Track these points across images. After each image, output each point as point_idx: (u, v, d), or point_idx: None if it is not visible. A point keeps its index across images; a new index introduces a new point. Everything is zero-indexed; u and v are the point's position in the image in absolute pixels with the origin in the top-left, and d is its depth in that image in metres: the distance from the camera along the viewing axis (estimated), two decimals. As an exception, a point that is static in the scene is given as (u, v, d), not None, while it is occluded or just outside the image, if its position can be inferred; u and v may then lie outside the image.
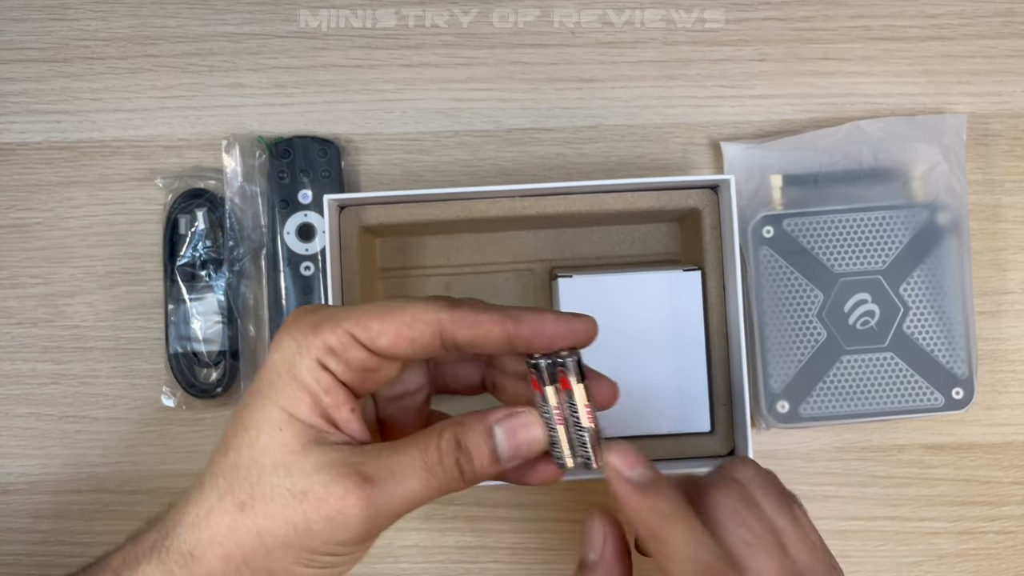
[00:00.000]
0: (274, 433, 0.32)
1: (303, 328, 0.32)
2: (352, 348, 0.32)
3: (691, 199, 0.50)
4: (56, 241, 0.54)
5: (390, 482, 0.31)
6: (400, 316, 0.32)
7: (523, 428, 0.33)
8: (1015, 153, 0.56)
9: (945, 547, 0.55)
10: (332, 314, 0.32)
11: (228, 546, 0.31)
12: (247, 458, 0.32)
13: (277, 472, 0.31)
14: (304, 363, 0.32)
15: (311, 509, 0.31)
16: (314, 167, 0.53)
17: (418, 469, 0.32)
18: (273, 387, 0.32)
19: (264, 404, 0.32)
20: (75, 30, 0.55)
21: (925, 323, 0.53)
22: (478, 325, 0.32)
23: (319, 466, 0.31)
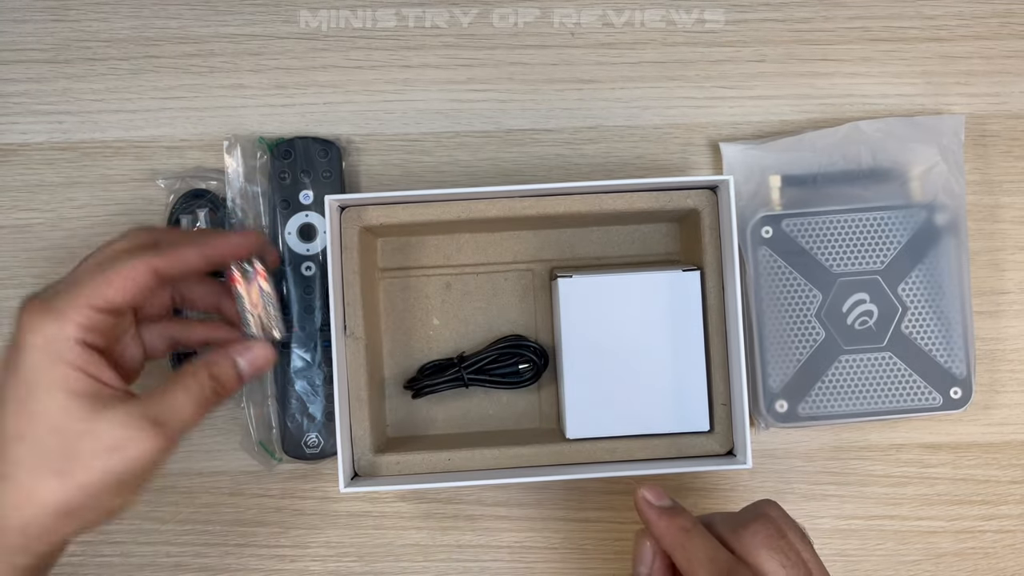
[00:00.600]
0: (69, 410, 0.38)
1: (47, 316, 0.38)
2: (98, 319, 0.39)
3: (690, 199, 0.50)
4: (58, 241, 0.55)
5: (174, 419, 0.40)
6: (122, 273, 0.40)
7: (257, 352, 0.45)
8: (1013, 153, 0.56)
9: (943, 546, 0.55)
10: (66, 295, 0.39)
11: (53, 505, 0.38)
12: (48, 437, 0.38)
13: (84, 439, 0.38)
14: (68, 347, 0.38)
15: (127, 458, 0.38)
16: (315, 168, 0.53)
17: (190, 403, 0.41)
18: (45, 372, 0.38)
19: (45, 389, 0.38)
20: (77, 31, 0.55)
21: (923, 323, 0.53)
22: (180, 256, 0.42)
23: (120, 423, 0.38)
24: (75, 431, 0.38)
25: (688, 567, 0.39)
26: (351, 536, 0.54)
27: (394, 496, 0.54)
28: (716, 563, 0.38)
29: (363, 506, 0.54)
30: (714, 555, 0.38)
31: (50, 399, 0.38)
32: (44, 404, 0.38)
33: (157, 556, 0.54)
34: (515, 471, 0.50)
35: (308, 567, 0.54)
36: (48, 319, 0.38)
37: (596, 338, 0.50)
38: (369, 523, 0.54)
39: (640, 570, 0.41)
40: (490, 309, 0.54)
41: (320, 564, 0.54)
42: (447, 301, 0.54)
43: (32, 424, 0.38)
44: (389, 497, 0.54)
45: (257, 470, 0.54)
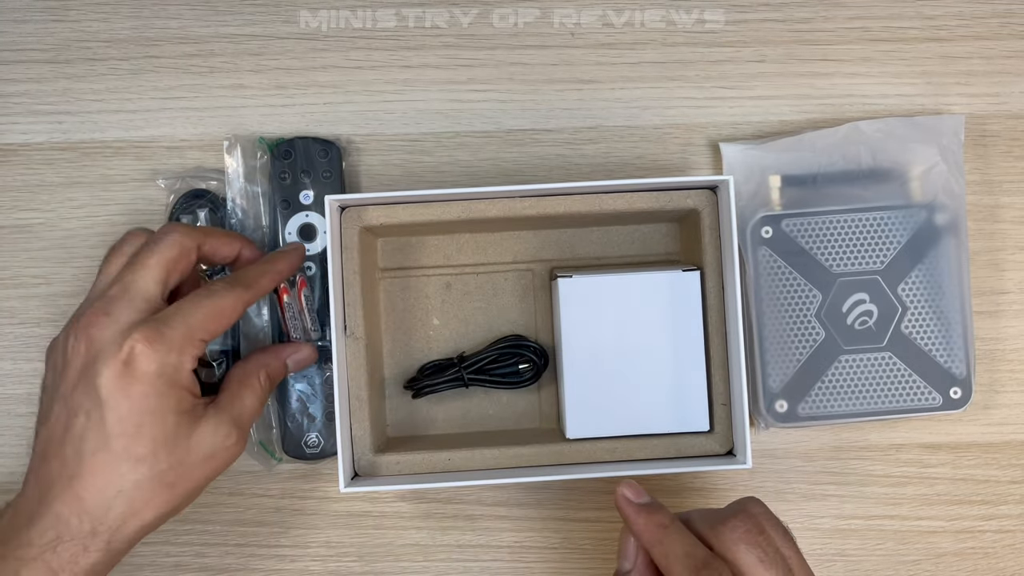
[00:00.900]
0: (179, 428, 0.42)
1: (164, 347, 0.42)
2: (203, 348, 0.44)
3: (690, 200, 0.50)
4: (58, 241, 0.55)
5: (247, 419, 0.46)
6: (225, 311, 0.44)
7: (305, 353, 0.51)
8: (1013, 154, 0.56)
9: (943, 546, 0.55)
10: (180, 328, 0.42)
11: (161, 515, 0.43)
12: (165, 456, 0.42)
13: (190, 452, 0.43)
14: (184, 375, 0.43)
15: (220, 462, 0.44)
16: (315, 168, 0.53)
17: (256, 402, 0.47)
18: (162, 399, 0.42)
19: (161, 414, 0.42)
20: (77, 31, 0.55)
21: (923, 323, 0.53)
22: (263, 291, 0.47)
23: (211, 432, 0.44)
24: (183, 447, 0.42)
25: (665, 563, 0.40)
26: (351, 536, 0.54)
27: (394, 496, 0.54)
28: (692, 558, 0.39)
29: (363, 506, 0.54)
30: (690, 550, 0.39)
31: (165, 422, 0.42)
32: (160, 427, 0.42)
33: (157, 556, 0.54)
34: (515, 471, 0.50)
35: (308, 567, 0.54)
36: (165, 351, 0.42)
37: (596, 338, 0.50)
38: (369, 523, 0.54)
39: (624, 565, 0.42)
40: (490, 309, 0.54)
41: (320, 564, 0.54)
42: (447, 301, 0.54)
43: (152, 447, 0.41)
44: (389, 497, 0.54)
45: (257, 470, 0.54)
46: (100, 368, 0.41)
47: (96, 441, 0.41)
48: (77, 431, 0.41)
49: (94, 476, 0.41)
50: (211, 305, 0.44)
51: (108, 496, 0.41)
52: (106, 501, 0.41)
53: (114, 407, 0.41)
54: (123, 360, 0.41)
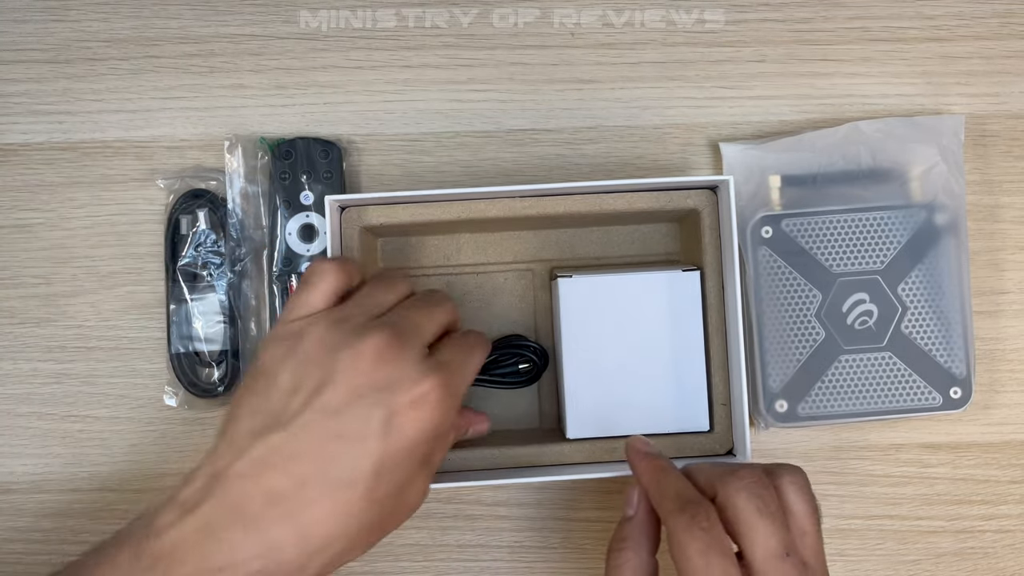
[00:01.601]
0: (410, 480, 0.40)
1: (455, 401, 0.40)
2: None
3: (690, 199, 0.50)
4: (58, 241, 0.55)
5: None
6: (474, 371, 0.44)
7: (482, 428, 0.49)
8: (1013, 154, 0.56)
9: (943, 546, 0.55)
10: (462, 385, 0.42)
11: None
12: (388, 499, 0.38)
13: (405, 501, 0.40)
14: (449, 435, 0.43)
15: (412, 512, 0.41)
16: (316, 168, 0.53)
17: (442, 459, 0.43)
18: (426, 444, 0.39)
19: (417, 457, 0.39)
20: (77, 31, 0.55)
21: (923, 323, 0.53)
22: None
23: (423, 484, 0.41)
24: (404, 494, 0.40)
25: (658, 501, 0.41)
26: (351, 536, 0.54)
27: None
28: (681, 497, 0.39)
29: (363, 506, 0.54)
30: (681, 490, 0.40)
31: (411, 466, 0.39)
32: (406, 472, 0.39)
33: (157, 556, 0.54)
34: (516, 471, 0.50)
35: (308, 567, 0.54)
36: (451, 403, 0.40)
37: (596, 338, 0.50)
38: (369, 523, 0.54)
39: (627, 512, 0.43)
40: (490, 309, 0.54)
41: (320, 564, 0.54)
42: (447, 301, 0.54)
43: (390, 490, 0.38)
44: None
45: (257, 470, 0.54)
46: (384, 400, 0.37)
47: (348, 472, 0.36)
48: (330, 453, 0.36)
49: (328, 507, 0.36)
50: (476, 361, 0.43)
51: (335, 533, 0.36)
52: (331, 537, 0.36)
53: (383, 445, 0.36)
54: (412, 400, 0.37)
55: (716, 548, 0.37)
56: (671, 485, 0.40)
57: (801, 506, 0.40)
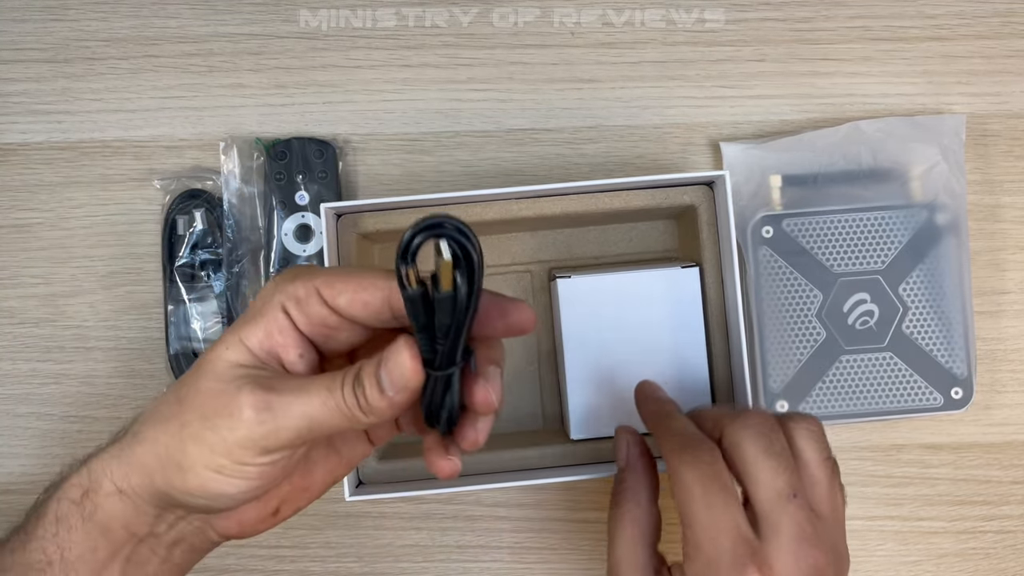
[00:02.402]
0: (222, 350, 0.35)
1: (283, 279, 0.35)
2: (314, 302, 0.35)
3: (687, 196, 0.50)
4: (57, 241, 0.55)
5: (291, 393, 0.34)
6: (359, 279, 0.34)
7: (395, 364, 0.33)
8: (1014, 153, 0.56)
9: (944, 547, 0.55)
10: (310, 271, 0.35)
11: (162, 437, 0.35)
12: (192, 374, 0.35)
13: (208, 377, 0.35)
14: (270, 305, 0.35)
15: (219, 404, 0.34)
16: (311, 168, 0.53)
17: (320, 388, 0.34)
18: (241, 320, 0.36)
19: (228, 332, 0.36)
20: (76, 31, 0.55)
21: (924, 323, 0.53)
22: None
23: (240, 376, 0.34)
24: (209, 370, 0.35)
25: (661, 442, 0.40)
26: (351, 536, 0.54)
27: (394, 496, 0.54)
28: (683, 436, 0.38)
29: (363, 507, 0.54)
30: (683, 430, 0.39)
31: (223, 338, 0.36)
32: (216, 341, 0.36)
33: (156, 556, 0.54)
34: (520, 474, 0.49)
35: (308, 568, 0.54)
36: (278, 281, 0.35)
37: (597, 338, 0.50)
38: (369, 524, 0.54)
39: (619, 464, 0.43)
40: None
41: (320, 565, 0.54)
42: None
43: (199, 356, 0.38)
44: (389, 498, 0.54)
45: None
46: None
47: None
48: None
49: None
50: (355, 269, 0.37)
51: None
52: None
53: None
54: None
55: (717, 482, 0.36)
56: (675, 425, 0.40)
57: (813, 454, 0.38)
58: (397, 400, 0.33)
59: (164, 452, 0.35)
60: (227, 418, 0.33)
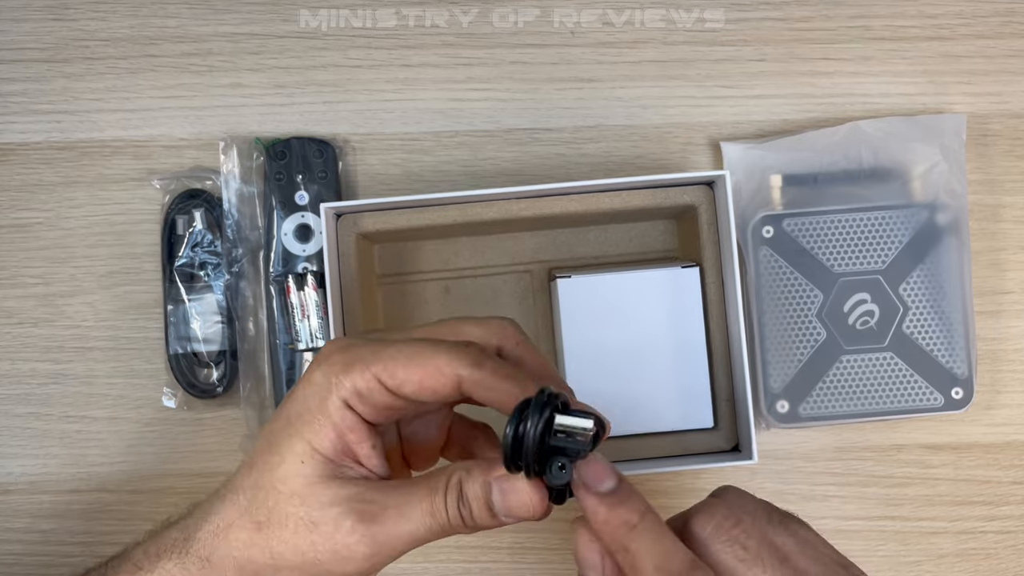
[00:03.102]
0: (296, 463, 0.33)
1: (335, 366, 0.33)
2: (378, 392, 0.33)
3: (687, 196, 0.50)
4: (56, 241, 0.54)
5: (395, 521, 0.33)
6: (424, 367, 0.33)
7: (514, 493, 0.33)
8: (1015, 153, 0.56)
9: (945, 547, 0.55)
10: (363, 355, 0.33)
11: (242, 560, 0.34)
12: (268, 482, 0.34)
13: (293, 500, 0.33)
14: (332, 401, 0.33)
15: (319, 540, 0.33)
16: (311, 168, 0.53)
17: (423, 511, 0.33)
18: (301, 419, 0.34)
19: (291, 433, 0.34)
20: (75, 30, 0.55)
21: (925, 323, 0.53)
22: (495, 392, 0.33)
23: (333, 500, 0.33)
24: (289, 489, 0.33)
25: (631, 574, 0.31)
26: (350, 537, 0.54)
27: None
28: (665, 570, 0.30)
29: (362, 507, 0.54)
30: (665, 563, 0.30)
31: (289, 443, 0.34)
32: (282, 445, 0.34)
33: (156, 557, 0.54)
34: None
35: (307, 568, 0.54)
36: (329, 370, 0.33)
37: (597, 338, 0.50)
38: (368, 524, 0.54)
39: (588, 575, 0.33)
40: (489, 312, 0.54)
41: (319, 565, 0.54)
42: (446, 305, 0.54)
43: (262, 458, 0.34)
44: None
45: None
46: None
47: None
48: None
49: None
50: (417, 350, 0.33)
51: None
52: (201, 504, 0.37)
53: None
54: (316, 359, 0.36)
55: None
56: (648, 551, 0.30)
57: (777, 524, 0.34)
58: (509, 523, 0.33)
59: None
60: (333, 555, 0.33)
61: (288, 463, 0.33)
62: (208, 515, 0.35)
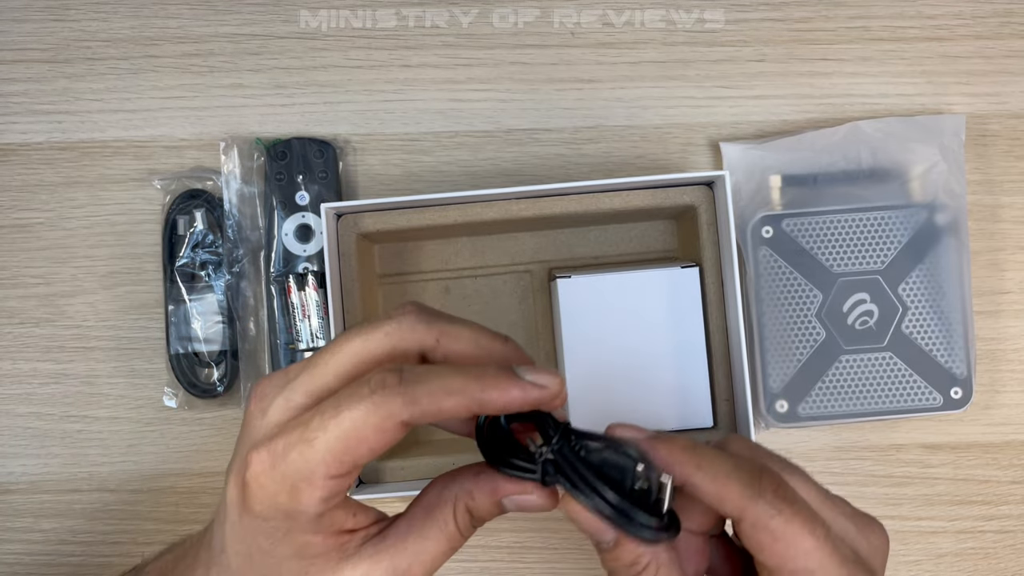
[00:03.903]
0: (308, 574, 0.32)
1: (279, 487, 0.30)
2: (335, 484, 0.30)
3: (687, 196, 0.50)
4: (57, 241, 0.55)
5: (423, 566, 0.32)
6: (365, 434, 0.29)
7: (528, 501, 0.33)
8: (1013, 153, 0.56)
9: (943, 546, 0.55)
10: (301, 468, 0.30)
11: None
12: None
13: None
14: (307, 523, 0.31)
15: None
16: (311, 168, 0.53)
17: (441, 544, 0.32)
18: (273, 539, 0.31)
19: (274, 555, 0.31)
20: (76, 31, 0.55)
21: (924, 323, 0.53)
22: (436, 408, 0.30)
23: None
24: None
25: (712, 488, 0.31)
26: (351, 536, 0.54)
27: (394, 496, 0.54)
28: (742, 469, 0.31)
29: (363, 506, 0.54)
30: (735, 463, 0.31)
31: (280, 568, 0.32)
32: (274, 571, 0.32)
33: (157, 556, 0.54)
34: None
35: (308, 567, 0.54)
36: (275, 489, 0.30)
37: (597, 338, 0.50)
38: (369, 523, 0.54)
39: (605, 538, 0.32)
40: (489, 312, 0.54)
41: (320, 564, 0.54)
42: (446, 306, 0.54)
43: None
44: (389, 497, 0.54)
45: (257, 470, 0.54)
46: (227, 477, 0.32)
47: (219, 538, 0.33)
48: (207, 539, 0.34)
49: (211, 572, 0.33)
50: (344, 428, 0.29)
51: None
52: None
53: (238, 514, 0.31)
54: (242, 481, 0.31)
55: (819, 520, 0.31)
56: (719, 462, 0.31)
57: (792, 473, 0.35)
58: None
59: None
60: None
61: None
62: None
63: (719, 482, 0.31)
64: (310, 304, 0.52)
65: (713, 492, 0.31)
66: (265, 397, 0.31)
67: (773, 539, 0.31)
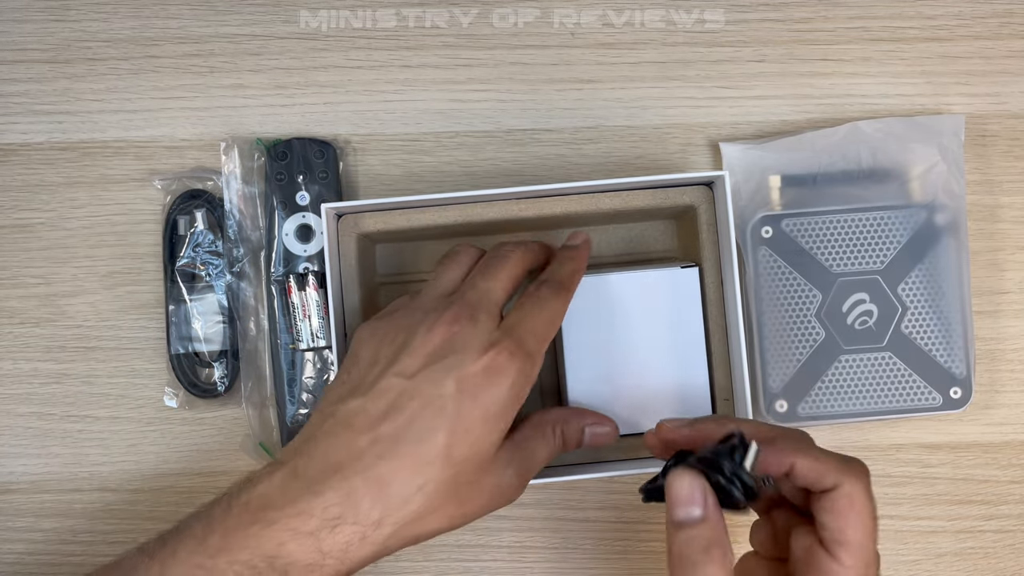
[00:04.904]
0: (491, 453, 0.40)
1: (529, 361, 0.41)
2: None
3: (686, 196, 0.50)
4: (58, 241, 0.55)
5: (533, 468, 0.43)
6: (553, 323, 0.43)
7: (606, 431, 0.46)
8: (1013, 153, 0.56)
9: (943, 546, 0.55)
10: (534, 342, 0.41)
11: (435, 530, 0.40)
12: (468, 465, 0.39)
13: (486, 477, 0.41)
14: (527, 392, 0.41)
15: (497, 501, 0.42)
16: (312, 168, 0.53)
17: (544, 454, 0.44)
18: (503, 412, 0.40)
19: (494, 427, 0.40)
20: (77, 31, 0.55)
21: (923, 323, 0.53)
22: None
23: (503, 467, 0.41)
24: (485, 468, 0.40)
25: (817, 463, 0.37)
26: (351, 536, 0.54)
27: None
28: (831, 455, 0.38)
29: (363, 506, 0.54)
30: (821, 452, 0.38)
31: (490, 438, 0.40)
32: (485, 441, 0.40)
33: (157, 556, 0.54)
34: None
35: (308, 567, 0.54)
36: (526, 365, 0.40)
37: (597, 338, 0.50)
38: (369, 523, 0.54)
39: (692, 513, 0.35)
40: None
41: (320, 564, 0.54)
42: (447, 302, 0.54)
43: (469, 455, 0.39)
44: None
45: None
46: (457, 364, 0.39)
47: (423, 431, 0.38)
48: (406, 413, 0.39)
49: (404, 462, 0.38)
50: (549, 313, 0.42)
51: (410, 489, 0.38)
52: (407, 493, 0.38)
53: (457, 407, 0.38)
54: (484, 366, 0.39)
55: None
56: (811, 447, 0.39)
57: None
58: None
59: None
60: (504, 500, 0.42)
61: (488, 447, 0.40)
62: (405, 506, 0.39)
63: (820, 460, 0.37)
64: (310, 304, 0.52)
65: (817, 468, 0.37)
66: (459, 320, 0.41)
67: (850, 504, 0.36)
